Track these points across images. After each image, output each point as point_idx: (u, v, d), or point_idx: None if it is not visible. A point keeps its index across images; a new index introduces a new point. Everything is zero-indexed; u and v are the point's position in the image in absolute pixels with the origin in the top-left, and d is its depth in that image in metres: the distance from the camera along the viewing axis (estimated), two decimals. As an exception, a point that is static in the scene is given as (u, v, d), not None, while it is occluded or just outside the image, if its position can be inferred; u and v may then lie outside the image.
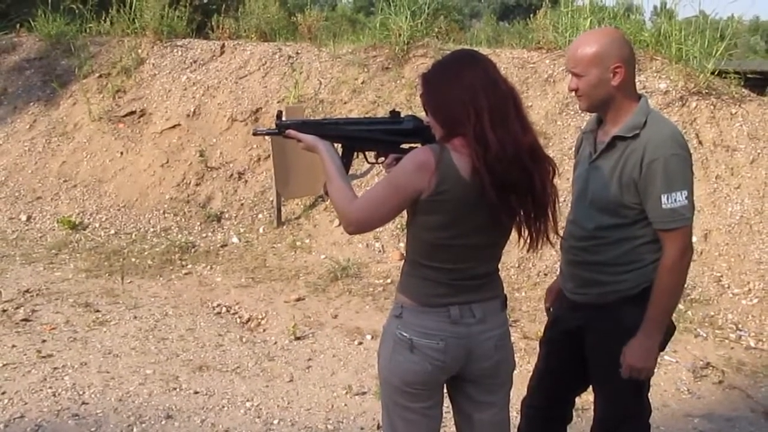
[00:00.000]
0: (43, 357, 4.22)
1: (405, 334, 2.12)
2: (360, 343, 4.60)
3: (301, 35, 8.18)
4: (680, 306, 4.90)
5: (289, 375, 4.17)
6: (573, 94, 2.43)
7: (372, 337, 4.62)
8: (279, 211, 6.29)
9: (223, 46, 7.89)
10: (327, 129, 2.32)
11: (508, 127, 2.01)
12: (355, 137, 2.32)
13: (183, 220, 6.47)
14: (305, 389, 4.02)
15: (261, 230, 6.29)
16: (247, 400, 3.85)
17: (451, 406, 2.31)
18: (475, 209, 2.03)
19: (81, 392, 3.84)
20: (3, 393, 3.80)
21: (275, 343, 4.62)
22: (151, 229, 6.39)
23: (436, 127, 2.12)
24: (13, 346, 4.36)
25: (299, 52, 7.69)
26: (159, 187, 6.76)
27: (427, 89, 2.11)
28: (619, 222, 2.34)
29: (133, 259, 5.95)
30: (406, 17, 7.38)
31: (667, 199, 2.23)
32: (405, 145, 2.28)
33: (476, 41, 10.34)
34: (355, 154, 2.35)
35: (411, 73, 7.12)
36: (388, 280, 5.47)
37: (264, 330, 4.85)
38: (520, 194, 2.03)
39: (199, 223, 6.43)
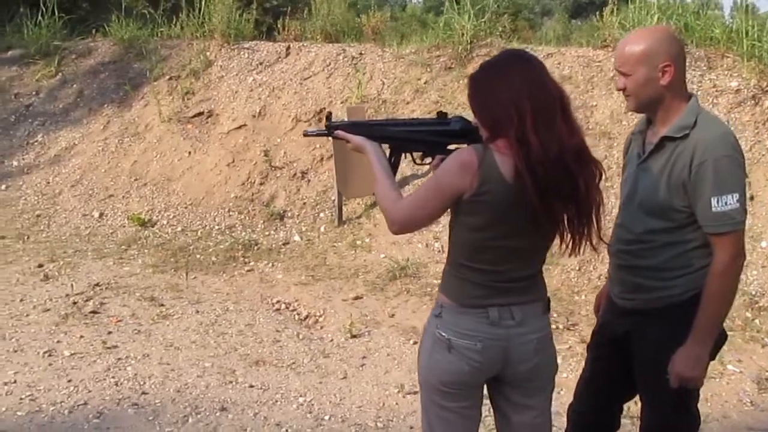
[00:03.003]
0: (108, 348, 4.39)
1: (444, 334, 2.13)
2: (415, 343, 4.61)
3: (366, 36, 8.25)
4: (747, 314, 4.75)
5: (343, 372, 4.22)
6: (621, 93, 2.40)
7: (427, 337, 4.61)
8: (340, 210, 6.36)
9: (288, 47, 8.02)
10: (375, 130, 2.35)
11: (553, 129, 1.99)
12: (402, 138, 2.35)
13: (247, 218, 6.61)
14: (358, 387, 4.06)
15: (322, 229, 6.37)
16: (300, 396, 3.91)
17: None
18: (517, 211, 2.02)
19: (142, 382, 3.98)
20: (69, 381, 3.96)
21: (331, 340, 4.68)
22: (216, 227, 6.54)
23: (481, 128, 2.12)
24: (81, 336, 4.54)
25: (363, 52, 7.75)
26: (225, 186, 6.92)
27: (473, 90, 2.12)
28: (667, 225, 2.29)
29: (198, 256, 6.11)
30: (470, 16, 7.36)
31: (717, 202, 2.17)
32: (452, 146, 2.29)
33: (545, 39, 10.22)
34: (403, 155, 2.38)
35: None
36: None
37: (321, 327, 4.92)
38: (563, 197, 2.01)
39: (262, 222, 6.55)
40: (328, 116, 2.41)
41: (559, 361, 2.37)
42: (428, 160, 2.34)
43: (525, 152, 1.96)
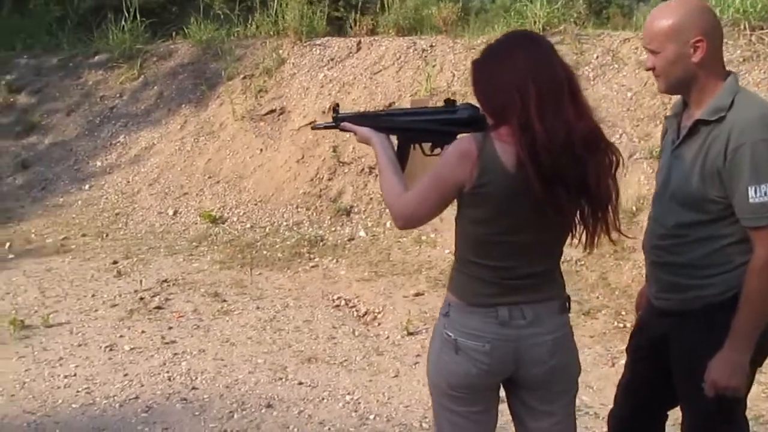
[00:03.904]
0: (167, 343, 4.47)
1: (450, 334, 2.02)
2: (472, 341, 4.48)
3: (437, 28, 8.11)
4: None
5: (395, 370, 4.14)
6: (651, 73, 2.21)
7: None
8: (405, 205, 6.27)
9: (359, 42, 7.98)
10: (382, 121, 2.27)
11: (559, 113, 1.86)
12: (409, 129, 2.25)
13: (314, 214, 6.62)
14: (408, 386, 3.97)
15: (388, 224, 6.30)
16: (348, 394, 3.86)
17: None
18: (522, 203, 1.89)
19: (194, 377, 4.03)
20: (125, 375, 4.05)
21: (387, 337, 4.61)
22: (284, 223, 6.58)
23: (486, 116, 2.00)
24: (143, 331, 4.64)
25: (434, 45, 7.62)
26: (294, 183, 6.95)
27: (475, 75, 2.00)
28: (702, 218, 2.09)
29: (265, 252, 6.16)
30: (542, 3, 7.13)
31: (755, 192, 1.96)
32: (461, 136, 2.18)
33: (636, 26, 9.79)
34: (412, 146, 2.28)
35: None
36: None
37: (379, 324, 4.85)
38: (570, 187, 1.86)
39: (329, 217, 6.54)
40: (335, 108, 2.34)
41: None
42: (438, 150, 2.22)
43: (528, 139, 1.83)
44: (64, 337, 4.58)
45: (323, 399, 3.81)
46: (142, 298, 5.22)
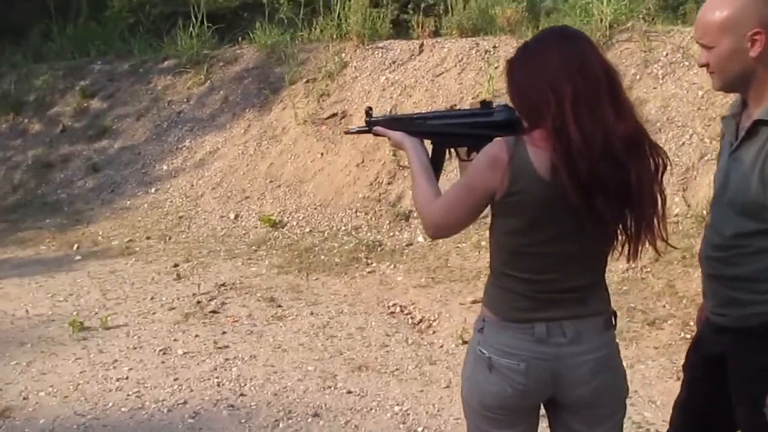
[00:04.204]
0: (219, 348, 4.46)
1: (485, 352, 1.90)
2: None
3: (501, 28, 7.93)
4: None
5: (447, 381, 4.02)
6: (705, 70, 2.04)
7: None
8: (464, 210, 6.13)
9: (422, 44, 7.88)
10: (415, 125, 2.16)
11: (598, 115, 1.73)
12: (443, 133, 2.14)
13: (373, 218, 6.54)
14: (460, 397, 3.83)
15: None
16: (397, 404, 3.76)
17: None
18: (559, 212, 1.76)
19: (243, 384, 4.00)
20: (176, 379, 4.06)
21: (441, 346, 4.49)
22: (343, 228, 6.53)
23: (522, 118, 1.88)
24: (197, 336, 4.65)
25: (497, 45, 7.46)
26: (353, 187, 6.90)
27: (509, 75, 1.89)
28: (761, 227, 1.90)
29: (323, 257, 6.12)
30: (609, 0, 6.88)
31: None
32: (497, 139, 2.05)
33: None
34: (448, 151, 2.17)
35: (612, 60, 6.54)
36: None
37: (433, 332, 4.74)
38: (610, 195, 1.72)
39: (387, 222, 6.46)
40: (368, 111, 2.24)
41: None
42: (474, 155, 2.10)
43: (564, 143, 1.70)
44: (121, 339, 4.63)
45: (371, 409, 3.72)
46: (199, 302, 5.24)
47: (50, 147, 9.00)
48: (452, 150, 2.16)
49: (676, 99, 5.95)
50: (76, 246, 6.85)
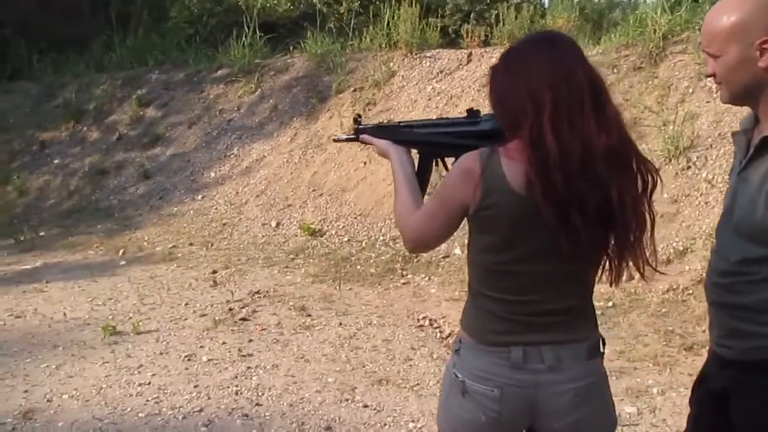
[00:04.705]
0: (243, 356, 4.45)
1: (459, 375, 1.80)
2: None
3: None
4: None
5: (468, 398, 3.90)
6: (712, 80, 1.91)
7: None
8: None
9: (470, 54, 7.80)
10: (400, 134, 2.09)
11: (578, 126, 1.62)
12: (429, 142, 2.06)
13: (412, 229, 6.46)
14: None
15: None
16: (412, 421, 3.67)
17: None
18: (535, 229, 1.65)
19: (261, 393, 3.97)
20: (195, 386, 4.06)
21: (467, 362, 4.37)
22: (381, 238, 6.48)
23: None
24: (223, 343, 4.66)
25: (545, 56, 7.31)
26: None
27: (490, 82, 1.79)
28: None
29: (358, 267, 6.08)
30: (664, 10, 6.66)
31: None
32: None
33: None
34: (434, 161, 2.09)
35: (665, 73, 6.40)
36: (609, 304, 4.92)
37: (461, 347, 4.62)
38: (587, 213, 1.61)
39: (426, 233, 6.37)
40: (356, 119, 2.18)
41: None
42: None
43: (540, 156, 1.60)
44: (150, 344, 4.67)
45: (386, 425, 3.64)
46: (231, 309, 5.26)
47: (106, 154, 9.25)
48: (439, 160, 2.08)
49: (729, 114, 5.69)
50: (121, 251, 6.98)
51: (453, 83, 7.55)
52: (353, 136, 2.19)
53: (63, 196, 8.85)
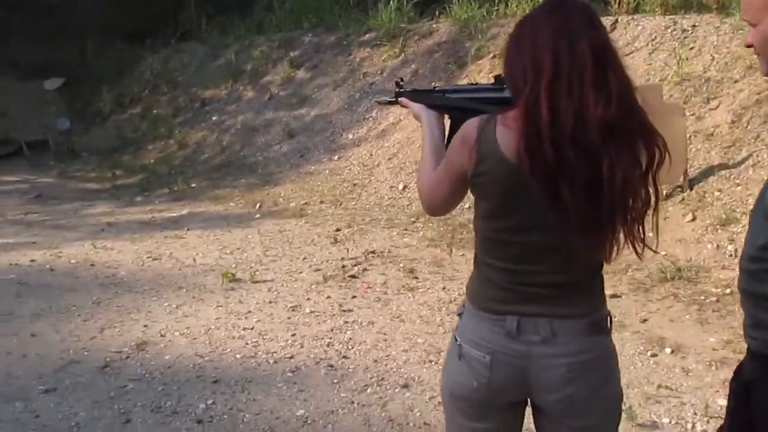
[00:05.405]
0: (343, 311, 4.64)
1: (458, 339, 1.83)
2: (654, 356, 4.01)
3: (706, 7, 7.27)
4: None
5: (553, 372, 3.87)
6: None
7: (672, 352, 4.00)
8: (627, 198, 5.77)
9: (615, 21, 7.47)
10: (432, 98, 2.12)
11: (575, 95, 1.58)
12: (457, 107, 2.07)
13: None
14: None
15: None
16: (489, 388, 3.70)
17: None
18: (528, 199, 1.64)
19: (350, 347, 4.14)
20: (293, 335, 4.30)
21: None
22: (503, 207, 6.44)
23: None
24: (328, 297, 4.88)
25: (696, 24, 6.87)
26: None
27: (505, 50, 1.78)
28: None
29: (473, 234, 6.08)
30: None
31: None
32: None
33: None
34: None
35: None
36: (727, 291, 4.63)
37: (561, 321, 4.56)
38: (576, 186, 1.58)
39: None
40: (398, 83, 2.22)
41: None
42: None
43: (531, 125, 1.58)
44: (261, 293, 4.98)
45: (462, 388, 3.69)
46: (343, 266, 5.47)
47: (257, 113, 9.77)
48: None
49: None
50: (258, 205, 7.41)
51: (594, 51, 7.27)
52: (394, 99, 2.24)
53: (216, 151, 9.48)
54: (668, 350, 4.04)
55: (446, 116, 2.12)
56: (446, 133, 2.09)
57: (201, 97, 10.70)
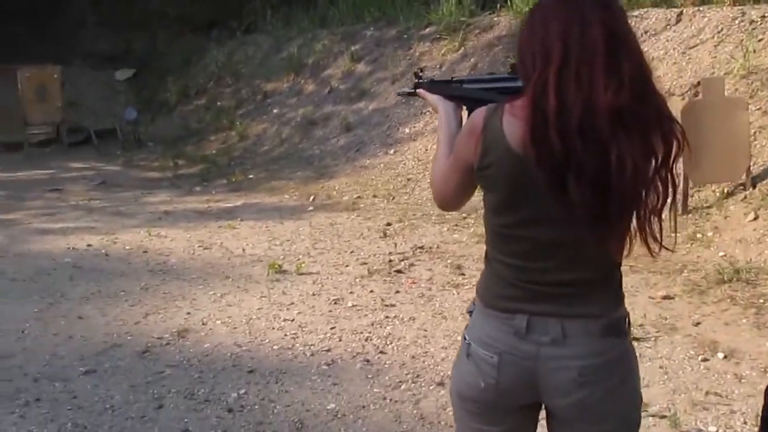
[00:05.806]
0: (385, 305, 4.60)
1: (467, 338, 1.77)
2: (705, 360, 3.84)
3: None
4: None
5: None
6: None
7: (725, 357, 3.82)
8: (686, 197, 5.55)
9: (680, 13, 7.20)
10: (450, 89, 2.05)
11: (585, 83, 1.50)
12: (474, 98, 2.00)
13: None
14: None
15: (663, 216, 5.64)
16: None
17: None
18: (537, 192, 1.57)
19: (389, 342, 4.10)
20: (332, 328, 4.28)
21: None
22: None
23: None
24: (371, 291, 4.85)
25: (766, 15, 6.55)
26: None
27: (519, 37, 1.71)
28: None
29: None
30: None
31: None
32: None
33: None
34: None
35: None
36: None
37: (608, 322, 4.41)
38: (583, 178, 1.49)
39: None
40: (417, 74, 2.16)
41: None
42: None
43: (538, 114, 1.50)
44: (306, 285, 4.98)
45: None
46: (390, 261, 5.43)
47: (317, 106, 9.82)
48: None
49: None
50: (312, 197, 7.44)
51: (657, 45, 7.04)
52: (413, 90, 2.19)
53: (275, 144, 9.56)
54: (721, 355, 3.85)
55: (464, 107, 2.07)
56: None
57: (263, 89, 10.82)
